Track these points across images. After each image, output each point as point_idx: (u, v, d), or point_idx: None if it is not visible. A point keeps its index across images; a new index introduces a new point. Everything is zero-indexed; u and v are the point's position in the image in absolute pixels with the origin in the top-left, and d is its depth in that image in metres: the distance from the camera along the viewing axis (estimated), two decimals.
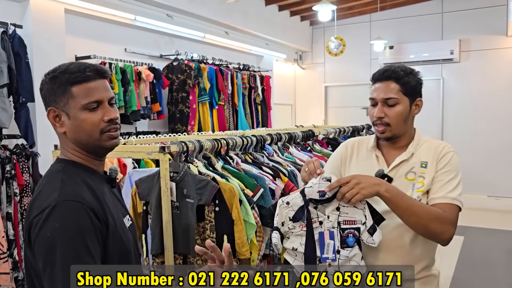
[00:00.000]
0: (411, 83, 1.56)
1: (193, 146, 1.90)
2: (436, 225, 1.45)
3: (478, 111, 6.99)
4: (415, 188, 1.54)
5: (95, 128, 1.17)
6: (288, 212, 1.45)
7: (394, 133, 1.58)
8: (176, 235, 1.78)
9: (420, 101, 1.61)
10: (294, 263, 1.45)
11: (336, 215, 1.44)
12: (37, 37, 3.76)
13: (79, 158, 1.21)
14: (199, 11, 5.30)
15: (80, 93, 1.16)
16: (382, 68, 1.60)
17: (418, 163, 1.58)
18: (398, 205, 1.43)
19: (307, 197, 1.44)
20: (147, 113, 4.59)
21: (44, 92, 1.20)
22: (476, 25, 6.87)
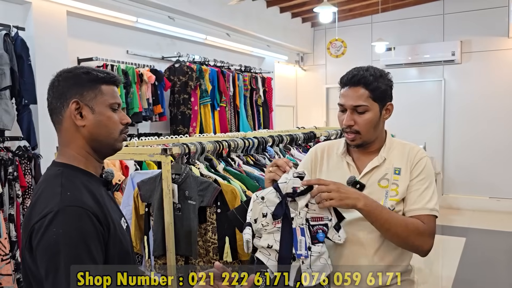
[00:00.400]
0: (380, 87, 1.49)
1: (195, 148, 1.91)
2: (414, 238, 1.43)
3: (480, 112, 6.99)
4: (388, 196, 1.50)
5: (117, 127, 1.23)
6: (262, 208, 1.40)
7: (364, 140, 1.52)
8: (178, 236, 1.78)
9: (390, 105, 1.54)
10: (268, 263, 1.38)
11: (305, 212, 1.40)
12: (40, 40, 3.78)
13: (78, 161, 1.21)
14: (200, 13, 5.32)
15: (108, 92, 1.22)
16: (350, 71, 1.52)
17: (391, 169, 1.52)
18: (376, 219, 1.41)
19: (283, 192, 1.39)
20: (149, 115, 4.60)
21: (69, 84, 1.21)
22: (478, 26, 6.87)
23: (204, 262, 1.78)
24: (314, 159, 1.65)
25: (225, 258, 1.74)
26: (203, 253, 1.78)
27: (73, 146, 1.21)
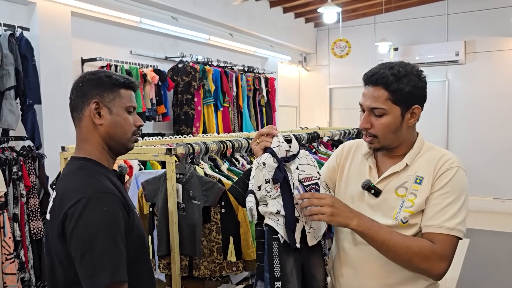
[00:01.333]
0: (403, 89, 1.32)
1: (199, 148, 1.91)
2: (419, 261, 1.28)
3: (484, 112, 6.97)
4: (403, 206, 1.35)
5: (131, 128, 1.35)
6: (265, 174, 1.38)
7: (383, 145, 1.39)
8: (182, 236, 1.78)
9: (417, 109, 1.36)
10: (278, 228, 1.38)
11: (297, 174, 1.41)
12: (44, 40, 3.79)
13: (95, 155, 1.32)
14: (204, 13, 5.32)
15: (126, 96, 1.34)
16: (373, 68, 1.39)
17: (413, 177, 1.37)
18: (372, 240, 1.30)
19: (279, 156, 1.39)
20: (152, 115, 4.61)
21: (92, 85, 1.32)
22: (482, 26, 6.85)
23: (208, 262, 1.78)
24: (339, 156, 1.55)
25: (229, 257, 1.74)
26: (207, 252, 1.78)
27: (91, 142, 1.32)
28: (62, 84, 3.91)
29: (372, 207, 1.39)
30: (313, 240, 1.43)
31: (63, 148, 2.06)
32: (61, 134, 3.69)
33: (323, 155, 2.76)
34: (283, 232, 1.37)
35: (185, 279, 1.82)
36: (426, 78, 1.39)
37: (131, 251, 1.21)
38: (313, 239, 1.43)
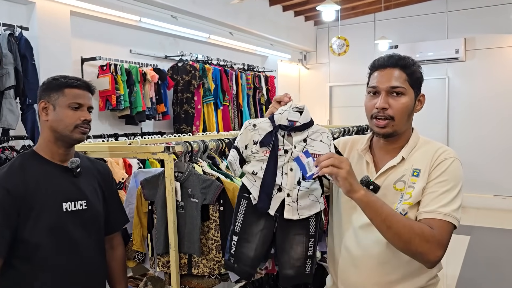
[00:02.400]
0: (417, 74, 1.39)
1: (198, 146, 1.91)
2: (418, 243, 1.24)
3: (484, 109, 6.96)
4: (402, 199, 1.35)
5: (72, 122, 1.55)
6: (253, 135, 1.42)
7: (396, 129, 1.37)
8: (181, 234, 1.78)
9: (423, 97, 1.42)
10: (251, 189, 1.43)
11: (302, 146, 1.39)
12: (43, 39, 3.80)
13: (41, 149, 1.59)
14: (203, 12, 5.33)
15: (69, 94, 1.57)
16: (385, 54, 1.41)
17: (410, 170, 1.37)
18: (376, 213, 1.25)
19: (276, 123, 1.40)
20: (152, 114, 4.62)
21: (42, 88, 1.59)
22: (482, 23, 6.85)
23: (207, 259, 1.79)
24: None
25: None
26: (206, 250, 1.79)
27: (42, 136, 1.60)
28: None
29: None
30: (293, 214, 1.43)
31: None
32: None
33: None
34: (256, 194, 1.42)
35: (184, 277, 1.82)
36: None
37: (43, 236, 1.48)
38: (294, 214, 1.43)
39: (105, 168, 1.81)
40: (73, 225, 1.56)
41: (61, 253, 1.54)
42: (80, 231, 1.58)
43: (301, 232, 1.48)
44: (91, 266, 1.63)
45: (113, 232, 1.80)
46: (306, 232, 1.49)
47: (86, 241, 1.60)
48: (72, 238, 1.56)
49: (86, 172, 1.67)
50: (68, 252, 1.55)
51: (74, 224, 1.56)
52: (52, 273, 1.52)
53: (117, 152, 1.98)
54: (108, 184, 1.77)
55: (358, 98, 8.49)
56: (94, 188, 1.68)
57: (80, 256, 1.59)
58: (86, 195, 1.62)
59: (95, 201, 1.66)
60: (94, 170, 1.72)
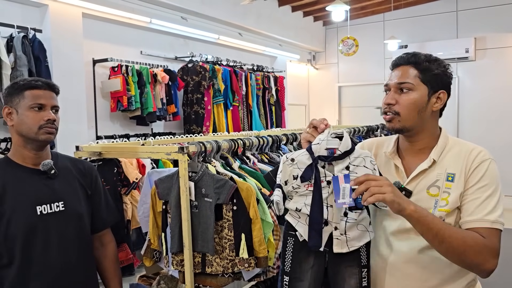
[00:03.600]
0: (433, 70, 1.33)
1: (211, 147, 1.93)
2: (473, 255, 1.21)
3: (494, 109, 6.91)
4: (438, 205, 1.31)
5: (35, 123, 1.53)
6: (293, 170, 1.34)
7: (404, 125, 1.35)
8: (194, 233, 1.81)
9: (443, 94, 1.36)
10: (297, 226, 1.35)
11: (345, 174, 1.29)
12: (56, 41, 3.85)
13: (13, 154, 1.58)
14: (213, 13, 5.36)
15: (29, 96, 1.54)
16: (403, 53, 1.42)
17: (444, 175, 1.33)
18: (428, 229, 1.21)
19: (315, 155, 1.31)
20: (163, 115, 4.65)
21: (5, 94, 1.58)
22: (492, 23, 6.80)
23: (220, 258, 1.81)
24: None
25: (241, 254, 1.76)
26: (220, 249, 1.81)
27: (13, 141, 1.59)
28: (74, 84, 3.97)
29: None
30: (343, 247, 1.34)
31: (77, 147, 2.09)
32: (73, 134, 3.75)
33: None
34: (302, 231, 1.35)
35: (198, 275, 1.84)
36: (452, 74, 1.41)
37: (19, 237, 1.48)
38: (344, 247, 1.34)
39: (86, 167, 1.76)
40: (50, 227, 1.54)
41: (40, 255, 1.51)
42: (60, 233, 1.56)
43: (353, 263, 1.40)
44: (75, 266, 1.61)
45: (101, 229, 1.78)
46: (358, 263, 1.41)
47: (67, 242, 1.58)
48: (51, 240, 1.54)
49: (65, 173, 1.64)
50: (48, 253, 1.53)
51: (52, 226, 1.54)
52: (34, 276, 1.51)
53: (131, 152, 2.01)
54: (90, 182, 1.73)
55: (368, 98, 8.51)
56: (74, 188, 1.65)
57: (62, 257, 1.57)
58: (63, 196, 1.59)
59: (74, 201, 1.63)
60: (74, 169, 1.69)
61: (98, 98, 4.40)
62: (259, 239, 1.76)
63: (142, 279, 2.47)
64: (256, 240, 1.76)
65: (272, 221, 1.83)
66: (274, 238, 1.88)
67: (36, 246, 1.51)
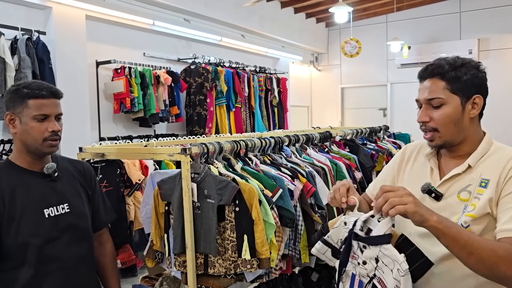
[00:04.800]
0: (461, 78, 1.27)
1: (213, 148, 1.94)
2: (506, 267, 1.11)
3: (497, 110, 6.85)
4: (466, 211, 1.24)
5: (40, 135, 1.51)
6: (344, 233, 1.29)
7: (445, 140, 1.30)
8: (197, 234, 1.82)
9: (478, 98, 1.30)
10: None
11: (373, 266, 1.20)
12: (60, 43, 3.87)
13: (15, 158, 1.56)
14: (215, 15, 5.37)
15: (34, 106, 1.50)
16: (431, 62, 1.33)
17: (478, 180, 1.26)
18: (454, 240, 1.12)
19: (354, 229, 1.23)
20: (166, 116, 4.67)
21: (7, 99, 1.54)
22: (495, 24, 6.78)
23: (223, 259, 1.81)
24: (400, 159, 1.49)
25: (244, 255, 1.76)
26: (222, 250, 1.81)
27: (16, 146, 1.58)
28: (78, 86, 3.99)
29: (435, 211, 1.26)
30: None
31: (81, 148, 2.11)
32: (77, 135, 3.76)
33: (335, 154, 2.78)
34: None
35: (201, 276, 1.85)
36: (485, 69, 1.34)
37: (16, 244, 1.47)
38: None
39: (85, 168, 1.77)
40: (58, 229, 1.55)
41: (49, 257, 1.53)
42: (66, 234, 1.57)
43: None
44: (81, 265, 1.63)
45: (100, 228, 1.80)
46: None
47: (75, 242, 1.60)
48: (60, 241, 1.55)
49: (66, 175, 1.65)
50: (58, 254, 1.55)
51: (59, 227, 1.56)
52: (42, 277, 1.52)
53: (134, 153, 2.02)
54: (90, 183, 1.75)
55: (370, 100, 8.50)
56: (76, 189, 1.67)
57: (71, 256, 1.59)
58: (67, 198, 1.61)
59: (77, 202, 1.64)
60: (74, 171, 1.70)
61: (101, 99, 4.41)
62: (262, 240, 1.77)
63: (145, 280, 2.48)
64: (259, 241, 1.77)
65: (274, 222, 1.84)
66: (276, 240, 1.89)
67: (48, 248, 1.52)
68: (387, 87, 7.68)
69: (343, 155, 2.79)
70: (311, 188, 2.13)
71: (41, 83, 1.56)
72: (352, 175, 2.65)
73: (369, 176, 2.88)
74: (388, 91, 7.68)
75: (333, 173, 2.50)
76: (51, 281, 1.53)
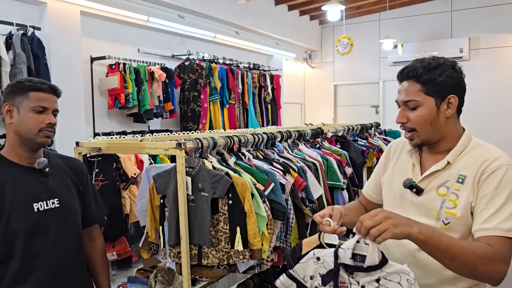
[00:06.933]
0: (435, 80, 1.31)
1: (208, 143, 1.99)
2: (484, 267, 1.19)
3: (488, 109, 7.00)
4: (444, 206, 1.31)
5: (36, 126, 1.55)
6: (318, 268, 1.29)
7: (423, 139, 1.37)
8: (191, 226, 1.87)
9: (453, 98, 1.33)
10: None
11: (374, 287, 1.20)
12: (55, 39, 3.89)
13: (7, 152, 1.59)
14: (210, 11, 5.41)
15: (34, 97, 1.56)
16: (408, 64, 1.39)
17: (456, 176, 1.32)
18: (436, 248, 1.17)
19: (339, 261, 1.23)
20: (160, 112, 4.70)
21: (7, 91, 1.59)
22: (486, 23, 6.88)
23: (216, 251, 1.87)
24: (386, 155, 1.57)
25: (236, 247, 1.82)
26: (216, 242, 1.87)
27: (8, 139, 1.60)
28: (72, 81, 4.02)
29: (416, 206, 1.38)
30: None
31: (78, 143, 2.15)
32: (72, 130, 3.79)
33: (327, 150, 2.84)
34: None
35: (195, 267, 1.90)
36: (461, 69, 1.38)
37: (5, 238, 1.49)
38: None
39: (77, 164, 1.80)
40: (47, 223, 1.58)
41: (37, 251, 1.55)
42: (56, 228, 1.60)
43: None
44: (72, 259, 1.65)
45: (91, 224, 1.82)
46: None
47: (64, 237, 1.62)
48: (49, 236, 1.57)
49: (57, 170, 1.67)
50: (47, 248, 1.57)
51: (49, 222, 1.58)
52: (34, 270, 1.54)
53: (131, 148, 2.06)
54: (82, 179, 1.77)
55: (363, 97, 8.58)
56: (67, 185, 1.69)
57: (60, 251, 1.60)
58: (57, 193, 1.63)
59: (68, 197, 1.67)
60: (65, 167, 1.73)
61: (96, 95, 4.44)
62: (254, 232, 1.82)
63: (140, 272, 2.53)
64: (251, 233, 1.82)
65: (266, 215, 1.90)
66: (268, 232, 1.94)
67: (36, 242, 1.54)
68: (379, 85, 7.77)
69: (334, 151, 2.85)
70: (302, 183, 2.19)
71: (42, 80, 1.62)
72: (343, 170, 2.72)
73: (359, 171, 2.94)
74: (380, 88, 7.77)
75: (324, 168, 2.56)
76: (38, 275, 1.54)
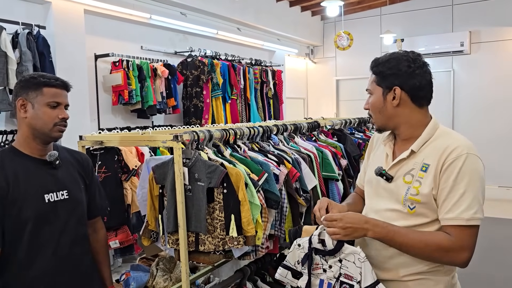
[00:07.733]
0: (384, 72, 1.45)
1: (203, 135, 2.08)
2: (439, 255, 1.34)
3: (489, 102, 7.03)
4: (409, 193, 1.40)
5: (51, 120, 1.62)
6: (300, 254, 1.50)
7: (378, 125, 1.52)
8: (188, 215, 1.96)
9: (397, 89, 1.43)
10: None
11: (338, 267, 1.42)
12: (59, 37, 4.00)
13: (20, 144, 1.64)
14: (212, 8, 5.48)
15: (48, 93, 1.62)
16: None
17: (420, 164, 1.40)
18: (391, 245, 1.38)
19: (312, 245, 1.46)
20: (163, 108, 4.80)
21: (20, 86, 1.64)
22: (487, 16, 6.90)
23: (212, 237, 1.97)
24: (370, 146, 1.70)
25: (231, 233, 1.91)
26: (211, 229, 1.96)
27: (21, 132, 1.65)
28: (77, 79, 4.12)
29: (388, 192, 1.48)
30: None
31: (81, 137, 2.25)
32: (76, 126, 3.86)
33: (323, 143, 2.92)
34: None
35: (192, 253, 2.00)
36: (425, 65, 1.46)
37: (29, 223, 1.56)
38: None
39: (84, 158, 1.86)
40: (56, 214, 1.64)
41: (44, 240, 1.61)
42: (65, 218, 1.66)
43: None
44: (79, 248, 1.72)
45: (95, 217, 1.89)
46: None
47: (72, 227, 1.69)
48: (59, 225, 1.64)
49: (66, 163, 1.74)
50: (52, 238, 1.63)
51: (57, 213, 1.64)
52: (36, 259, 1.60)
53: (131, 141, 2.16)
54: (88, 173, 1.84)
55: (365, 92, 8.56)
56: (75, 178, 1.75)
57: (68, 240, 1.67)
58: (66, 185, 1.69)
59: (76, 190, 1.73)
60: (73, 160, 1.79)
61: (100, 92, 4.55)
62: (247, 220, 1.92)
63: (142, 261, 2.64)
64: (245, 220, 1.92)
65: (260, 204, 1.99)
66: (262, 220, 2.03)
67: (44, 231, 1.60)
68: None
69: (330, 143, 2.93)
70: (296, 173, 2.27)
71: (56, 76, 1.70)
72: (338, 162, 2.80)
73: (355, 164, 3.02)
74: None
75: (319, 160, 2.65)
76: (43, 263, 1.61)
